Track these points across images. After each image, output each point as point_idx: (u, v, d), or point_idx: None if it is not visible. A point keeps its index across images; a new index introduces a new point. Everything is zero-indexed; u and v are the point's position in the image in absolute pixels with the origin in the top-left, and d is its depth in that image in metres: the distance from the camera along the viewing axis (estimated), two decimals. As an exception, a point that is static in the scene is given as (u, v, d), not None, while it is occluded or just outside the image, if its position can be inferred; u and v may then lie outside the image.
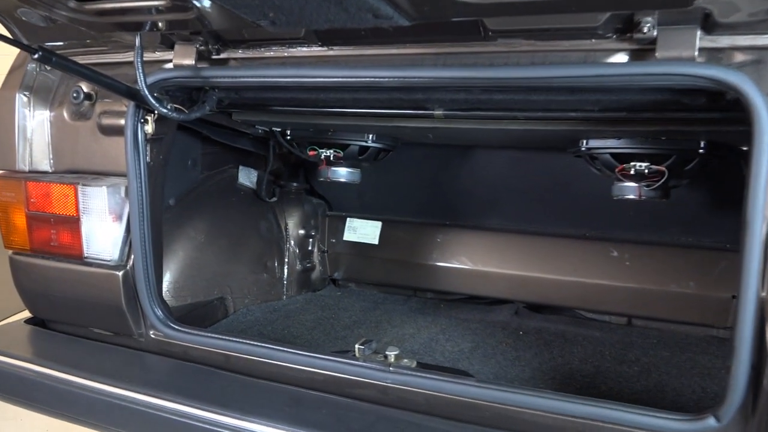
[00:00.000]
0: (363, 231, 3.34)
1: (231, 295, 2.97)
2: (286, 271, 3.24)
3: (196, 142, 2.88)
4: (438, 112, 2.10)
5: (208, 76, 1.95)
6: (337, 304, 3.22)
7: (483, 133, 2.40)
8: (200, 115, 2.05)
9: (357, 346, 1.99)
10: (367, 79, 1.76)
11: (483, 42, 1.72)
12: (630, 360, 2.60)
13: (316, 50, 1.91)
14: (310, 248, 3.37)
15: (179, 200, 2.76)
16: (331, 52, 1.90)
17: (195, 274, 2.81)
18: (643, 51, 1.61)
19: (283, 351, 2.05)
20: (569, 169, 2.89)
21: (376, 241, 3.32)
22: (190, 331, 2.19)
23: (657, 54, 1.55)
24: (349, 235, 3.37)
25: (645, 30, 1.53)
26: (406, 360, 1.98)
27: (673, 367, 2.53)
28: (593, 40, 1.64)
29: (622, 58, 1.65)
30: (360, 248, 3.37)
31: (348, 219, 3.39)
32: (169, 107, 1.93)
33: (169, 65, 2.07)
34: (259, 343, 2.09)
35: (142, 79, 1.84)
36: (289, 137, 2.76)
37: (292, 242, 3.28)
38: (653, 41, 1.56)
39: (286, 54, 1.95)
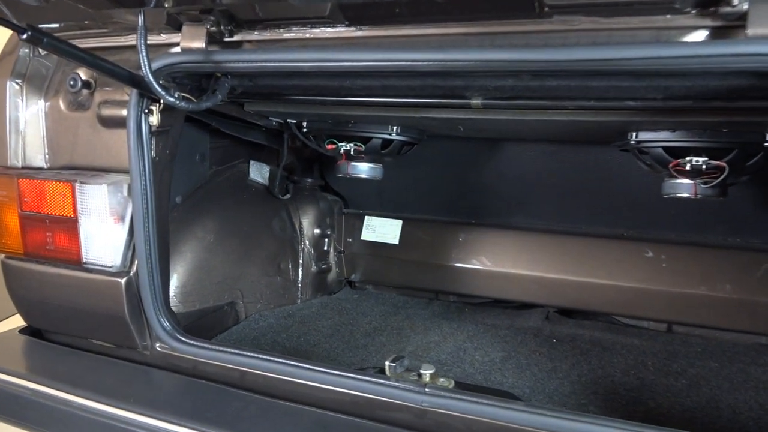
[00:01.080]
0: (382, 230, 3.10)
1: (242, 300, 2.74)
2: (300, 273, 3.01)
3: (204, 135, 2.64)
4: (475, 101, 1.86)
5: (221, 61, 1.71)
6: (355, 308, 2.98)
7: (520, 125, 2.16)
8: (211, 104, 1.81)
9: (387, 363, 1.76)
10: (402, 63, 1.51)
11: (537, 19, 1.47)
12: (676, 372, 2.37)
13: (343, 31, 1.66)
14: (325, 248, 3.13)
15: (186, 198, 2.52)
16: (359, 33, 1.65)
17: (204, 277, 2.58)
18: (728, 28, 1.36)
19: (307, 368, 1.81)
20: (605, 164, 2.65)
21: (396, 241, 3.08)
22: (200, 344, 1.96)
23: (748, 31, 1.31)
24: (367, 235, 3.13)
25: (735, 2, 1.29)
26: (443, 379, 1.74)
27: (723, 379, 2.30)
28: (668, 16, 1.39)
29: (700, 36, 1.41)
30: (379, 248, 3.13)
31: (366, 217, 3.15)
32: (176, 96, 1.69)
33: (176, 49, 1.83)
34: (279, 359, 1.85)
35: (145, 63, 1.60)
36: (305, 130, 2.52)
37: (307, 242, 3.05)
38: (743, 16, 1.32)
39: (308, 35, 1.71)
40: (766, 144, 1.94)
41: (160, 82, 1.70)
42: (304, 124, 2.52)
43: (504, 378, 2.31)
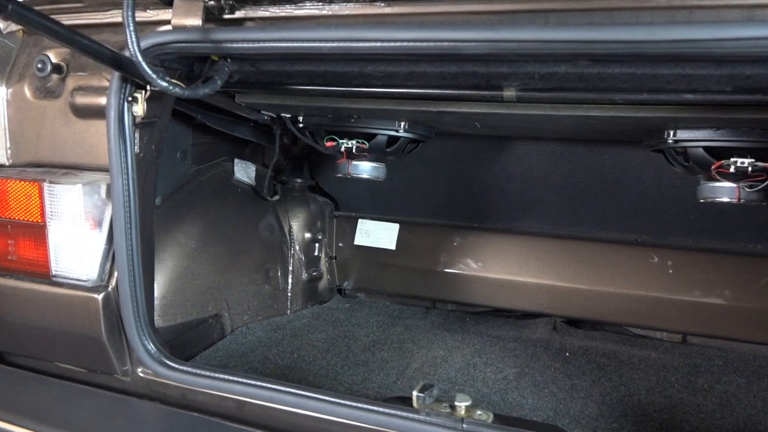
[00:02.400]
0: (377, 234, 2.83)
1: (228, 312, 2.44)
2: (290, 281, 2.72)
3: (186, 130, 2.33)
4: (509, 93, 1.61)
5: (222, 41, 1.42)
6: (349, 319, 2.71)
7: (546, 122, 1.92)
8: (210, 91, 1.51)
9: (415, 393, 1.49)
10: (444, 44, 1.25)
11: (603, -6, 1.24)
12: (703, 389, 2.17)
13: (368, 7, 1.39)
14: (316, 254, 2.84)
15: (166, 199, 2.21)
16: (387, 9, 1.38)
17: (186, 287, 2.27)
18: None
19: (319, 398, 1.53)
20: (620, 166, 2.44)
21: (392, 246, 2.82)
22: (190, 368, 1.66)
23: None
24: (361, 239, 2.86)
25: None
26: (480, 412, 1.48)
27: (755, 397, 2.11)
28: (763, -8, 1.17)
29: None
30: (373, 254, 2.86)
31: (360, 221, 2.88)
32: (168, 81, 1.39)
33: (167, 27, 1.54)
34: (284, 387, 1.57)
35: (133, 40, 1.30)
36: (301, 125, 2.24)
37: (297, 247, 2.76)
38: None
39: (325, 12, 1.43)
40: (820, 144, 1.75)
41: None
42: (300, 118, 2.24)
43: (523, 398, 2.07)
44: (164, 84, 1.37)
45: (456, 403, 1.47)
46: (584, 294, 2.63)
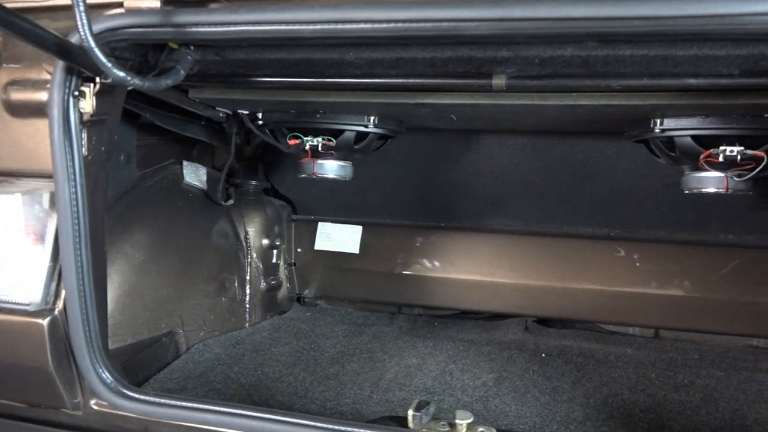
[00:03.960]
0: (339, 238, 2.67)
1: (183, 328, 2.24)
2: (248, 291, 2.52)
3: (130, 131, 2.13)
4: (498, 81, 1.49)
5: (185, 24, 1.24)
6: (313, 329, 2.54)
7: (530, 112, 1.81)
8: (173, 83, 1.33)
9: (411, 412, 1.35)
10: (445, 25, 1.11)
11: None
12: (684, 384, 2.12)
13: (353, -16, 1.25)
14: (274, 261, 2.66)
15: (111, 207, 2.00)
16: (376, -12, 1.24)
17: (135, 304, 2.06)
18: None
19: (301, 424, 1.37)
20: (592, 159, 2.37)
21: (356, 250, 2.67)
22: (153, 398, 1.47)
23: None
24: (321, 244, 2.70)
25: None
26: (482, 429, 1.36)
27: (737, 390, 2.07)
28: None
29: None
30: (336, 259, 2.71)
31: (320, 224, 2.71)
32: (126, 71, 1.20)
33: (118, 10, 1.34)
34: (261, 414, 1.40)
35: (84, 22, 1.11)
36: (261, 122, 2.07)
37: (254, 255, 2.57)
38: None
39: (303, -10, 1.28)
40: (809, 131, 1.71)
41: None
42: (259, 115, 2.06)
43: (506, 405, 1.97)
44: (122, 75, 1.18)
45: (457, 421, 1.35)
46: (556, 292, 2.56)
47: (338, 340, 2.44)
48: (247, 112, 2.06)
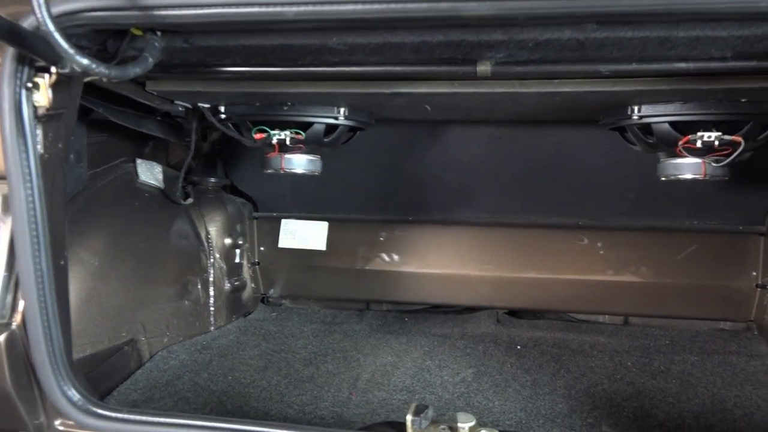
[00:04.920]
0: (304, 235, 2.57)
1: (145, 335, 2.10)
2: (211, 293, 2.39)
3: (80, 128, 1.97)
4: (483, 68, 1.43)
5: (152, 7, 1.12)
6: (281, 330, 2.43)
7: (509, 100, 1.76)
8: (141, 71, 1.21)
9: (409, 417, 1.27)
10: (443, 5, 1.03)
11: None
12: (661, 371, 2.12)
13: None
14: (238, 261, 2.53)
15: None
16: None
17: (94, 312, 1.91)
18: None
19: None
20: (560, 148, 2.35)
21: (323, 247, 2.57)
22: (126, 415, 1.34)
23: None
24: (286, 241, 2.59)
25: None
26: (484, 431, 1.29)
27: (713, 375, 2.08)
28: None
29: None
30: (301, 256, 2.60)
31: (283, 221, 2.60)
32: (90, 59, 1.08)
33: (74, -7, 1.21)
34: (249, 427, 1.30)
35: (42, 5, 0.99)
36: (223, 115, 1.95)
37: (217, 255, 2.44)
38: None
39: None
40: (785, 114, 1.71)
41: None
42: (222, 108, 1.94)
43: (488, 401, 1.91)
44: (86, 62, 1.05)
45: (459, 425, 1.27)
46: (527, 283, 2.52)
47: (309, 341, 2.34)
48: (208, 106, 1.93)
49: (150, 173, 2.28)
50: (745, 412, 1.83)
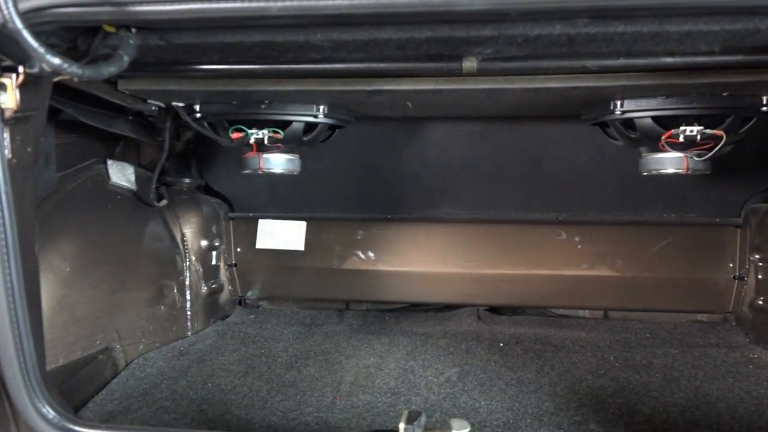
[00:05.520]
0: (282, 235, 2.51)
1: (120, 343, 2.02)
2: (188, 297, 2.32)
3: (49, 129, 1.89)
4: (469, 64, 1.39)
5: (129, 2, 1.06)
6: (260, 333, 2.37)
7: (491, 97, 1.73)
8: (116, 71, 1.14)
9: (402, 425, 1.23)
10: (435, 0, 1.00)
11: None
12: (643, 365, 2.11)
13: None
14: (214, 263, 2.46)
15: (31, 215, 1.76)
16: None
17: (66, 320, 1.84)
18: None
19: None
20: (539, 143, 2.33)
21: (301, 247, 2.51)
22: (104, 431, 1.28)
23: None
24: (263, 242, 2.52)
25: None
26: (479, 436, 1.26)
27: (694, 367, 2.08)
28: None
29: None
30: (279, 257, 2.54)
31: (260, 221, 2.54)
32: (62, 57, 1.01)
33: (42, -12, 1.14)
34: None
35: (9, 2, 0.92)
36: (198, 114, 1.88)
37: (192, 258, 2.36)
38: None
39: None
40: (764, 108, 1.70)
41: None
42: (197, 107, 1.87)
43: (474, 401, 1.88)
44: (57, 62, 0.98)
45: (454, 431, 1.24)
46: (507, 279, 2.51)
47: (289, 343, 2.28)
48: (182, 105, 1.87)
49: (122, 174, 2.20)
50: (728, 405, 1.83)
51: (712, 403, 1.84)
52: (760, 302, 2.23)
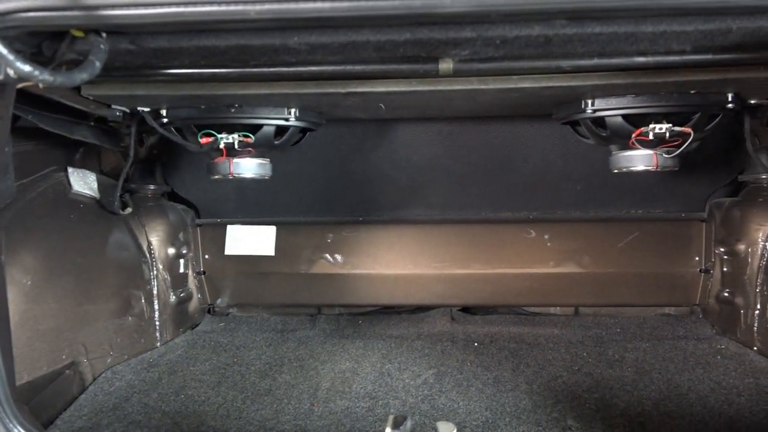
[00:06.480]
0: (252, 240, 2.47)
1: (87, 356, 1.96)
2: (156, 307, 2.26)
3: (5, 136, 1.82)
4: (445, 65, 1.39)
5: (98, 6, 1.02)
6: (232, 342, 2.34)
7: (465, 98, 1.73)
8: (88, 77, 1.10)
9: (388, 430, 1.23)
10: (416, 2, 0.99)
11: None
12: (615, 359, 2.15)
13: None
14: (182, 271, 2.41)
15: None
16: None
17: (29, 335, 1.77)
18: None
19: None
20: (508, 143, 2.35)
21: (272, 252, 2.48)
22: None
23: None
24: (232, 248, 2.48)
25: None
26: (466, 439, 1.26)
27: (665, 360, 2.13)
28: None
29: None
30: (249, 263, 2.51)
31: (228, 227, 2.50)
32: (32, 64, 0.97)
33: (6, -9, 1.09)
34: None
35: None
36: (165, 119, 1.84)
37: (160, 266, 2.31)
38: None
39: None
40: (729, 105, 1.75)
41: (-9, 41, 0.96)
42: (164, 112, 1.83)
43: (453, 402, 1.89)
44: (27, 69, 0.94)
45: (441, 434, 1.23)
46: (479, 278, 2.52)
47: (262, 351, 2.25)
48: (148, 109, 1.82)
49: (84, 182, 2.13)
50: (699, 395, 1.88)
51: (683, 395, 1.88)
52: (726, 294, 2.29)
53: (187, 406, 1.87)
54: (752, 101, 1.83)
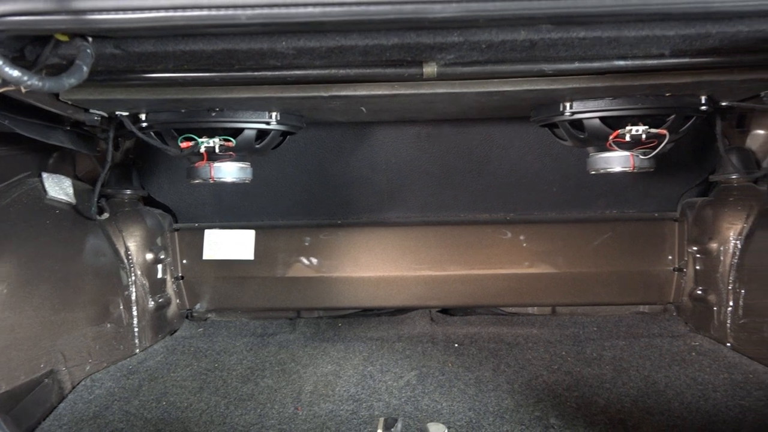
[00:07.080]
0: (230, 245, 2.46)
1: (65, 365, 1.94)
2: (135, 313, 2.24)
3: (-21, 143, 1.80)
4: (430, 69, 1.41)
5: (85, 10, 1.01)
6: (212, 347, 2.32)
7: (446, 101, 1.75)
8: (76, 82, 1.09)
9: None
10: (407, 7, 1.00)
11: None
12: (593, 358, 2.19)
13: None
14: (160, 276, 2.39)
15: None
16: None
17: (7, 344, 1.74)
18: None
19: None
20: (486, 145, 2.39)
21: (251, 256, 2.47)
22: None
23: None
24: (210, 253, 2.47)
25: None
26: (456, 439, 1.27)
27: (642, 357, 2.17)
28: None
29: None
30: (228, 267, 2.49)
31: (206, 231, 2.48)
32: (21, 69, 0.96)
33: (-12, -5, 1.08)
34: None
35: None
36: (144, 124, 1.82)
37: (138, 272, 2.28)
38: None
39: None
40: (703, 108, 1.80)
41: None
42: (143, 116, 1.81)
43: (436, 403, 1.90)
44: (16, 74, 0.93)
45: (431, 436, 1.25)
46: (458, 280, 2.54)
47: (243, 355, 2.24)
48: (127, 113, 1.80)
49: (59, 188, 2.10)
50: (676, 392, 1.92)
51: (661, 391, 1.93)
52: (699, 292, 2.35)
53: (169, 413, 1.86)
54: (724, 103, 1.88)
